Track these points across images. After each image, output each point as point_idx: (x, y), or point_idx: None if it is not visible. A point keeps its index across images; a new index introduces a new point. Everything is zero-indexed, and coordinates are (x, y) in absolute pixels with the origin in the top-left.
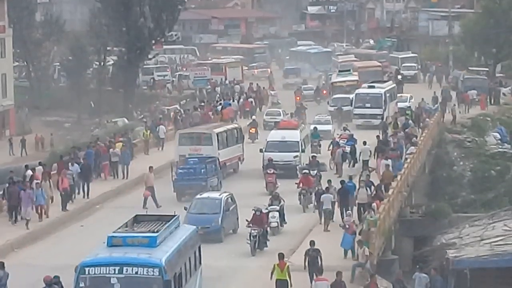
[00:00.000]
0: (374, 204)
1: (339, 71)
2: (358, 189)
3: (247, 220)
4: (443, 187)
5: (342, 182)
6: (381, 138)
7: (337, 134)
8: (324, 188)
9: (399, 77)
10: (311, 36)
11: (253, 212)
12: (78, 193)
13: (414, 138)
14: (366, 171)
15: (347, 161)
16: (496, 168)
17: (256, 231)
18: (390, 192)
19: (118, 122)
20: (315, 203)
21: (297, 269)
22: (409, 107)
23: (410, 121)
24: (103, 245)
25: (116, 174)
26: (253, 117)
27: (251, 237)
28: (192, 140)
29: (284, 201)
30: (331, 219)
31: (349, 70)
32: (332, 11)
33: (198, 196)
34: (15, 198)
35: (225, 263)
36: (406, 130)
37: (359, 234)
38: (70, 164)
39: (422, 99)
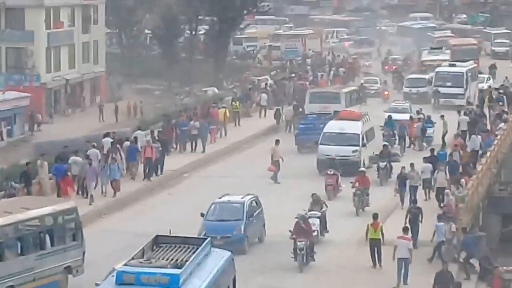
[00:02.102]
0: (462, 180)
1: (431, 48)
2: (437, 172)
3: (290, 231)
4: None
5: (432, 150)
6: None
7: (411, 116)
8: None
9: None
10: (402, 10)
11: (296, 220)
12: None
13: (505, 115)
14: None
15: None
16: None
17: (303, 243)
18: (479, 168)
19: (208, 92)
20: (397, 186)
21: None
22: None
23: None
24: (112, 280)
25: (195, 148)
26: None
27: (298, 251)
28: (322, 98)
29: (327, 206)
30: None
31: (441, 48)
32: None
33: (217, 199)
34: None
35: (260, 282)
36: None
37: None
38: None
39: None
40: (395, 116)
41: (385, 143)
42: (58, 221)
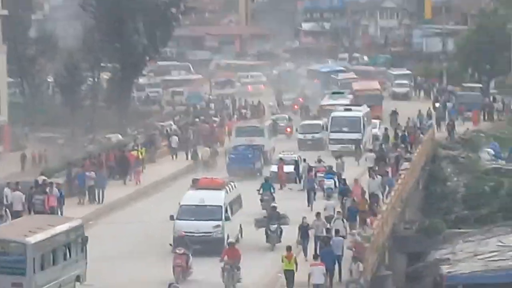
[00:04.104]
0: (368, 220)
1: (332, 92)
2: (335, 219)
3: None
4: (437, 203)
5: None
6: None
7: (312, 167)
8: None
9: (437, 105)
10: (305, 52)
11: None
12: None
13: (408, 154)
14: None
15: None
16: (489, 184)
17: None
18: (384, 208)
19: (111, 138)
20: (299, 238)
21: None
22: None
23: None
24: None
25: (95, 198)
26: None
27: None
28: (247, 132)
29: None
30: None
31: (342, 93)
32: (326, 28)
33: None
34: None
35: None
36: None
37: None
38: None
39: (420, 111)
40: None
41: (274, 204)
42: (72, 236)
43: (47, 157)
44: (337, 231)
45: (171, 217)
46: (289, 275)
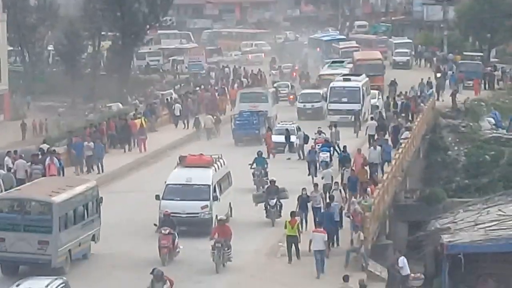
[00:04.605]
0: (368, 189)
1: (332, 62)
2: (333, 190)
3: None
4: (438, 172)
5: None
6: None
7: (312, 139)
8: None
9: (438, 75)
10: (305, 21)
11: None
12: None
13: (409, 123)
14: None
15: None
16: (490, 153)
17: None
18: (384, 176)
19: (112, 107)
20: (297, 209)
21: None
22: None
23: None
24: None
25: (92, 169)
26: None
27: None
28: (251, 98)
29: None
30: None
31: (342, 62)
32: None
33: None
34: None
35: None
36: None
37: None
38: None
39: (422, 80)
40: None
41: (272, 178)
42: (89, 196)
43: (47, 126)
44: (331, 197)
45: (157, 197)
46: (291, 240)
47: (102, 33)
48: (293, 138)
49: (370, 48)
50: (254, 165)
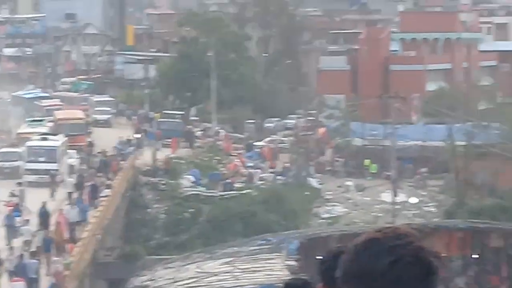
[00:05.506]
0: (68, 247)
1: (32, 120)
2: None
3: None
4: (138, 229)
5: None
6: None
7: (3, 202)
8: None
9: (138, 133)
10: (8, 78)
11: None
12: None
13: (109, 181)
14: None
15: None
16: (189, 210)
17: None
18: (84, 235)
19: None
20: None
21: None
22: None
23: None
24: None
25: None
26: None
27: None
28: None
29: None
30: None
31: (41, 120)
32: (28, 53)
33: None
34: None
35: None
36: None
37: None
38: None
39: (123, 138)
40: None
41: None
42: None
43: None
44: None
45: None
46: None
47: None
48: None
49: (72, 106)
50: None
